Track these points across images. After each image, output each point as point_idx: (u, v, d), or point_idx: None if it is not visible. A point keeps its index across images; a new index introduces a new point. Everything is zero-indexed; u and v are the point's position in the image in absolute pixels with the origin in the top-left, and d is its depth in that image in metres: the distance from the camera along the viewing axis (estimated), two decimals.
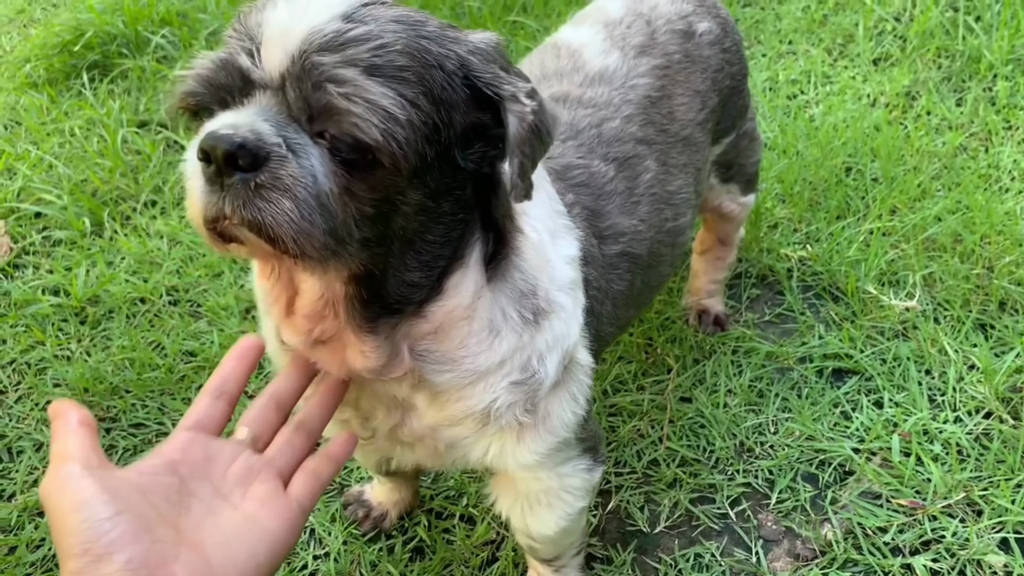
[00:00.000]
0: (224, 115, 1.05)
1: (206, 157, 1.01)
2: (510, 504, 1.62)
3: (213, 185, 1.03)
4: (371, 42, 1.03)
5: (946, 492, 1.97)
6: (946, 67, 3.21)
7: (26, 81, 3.52)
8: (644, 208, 1.70)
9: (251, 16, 1.09)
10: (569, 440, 1.50)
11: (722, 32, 1.95)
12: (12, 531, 2.09)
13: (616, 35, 1.82)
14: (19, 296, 2.63)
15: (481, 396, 1.34)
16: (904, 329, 2.33)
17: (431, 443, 1.45)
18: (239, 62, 1.05)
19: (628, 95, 1.74)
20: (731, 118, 2.02)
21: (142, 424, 2.30)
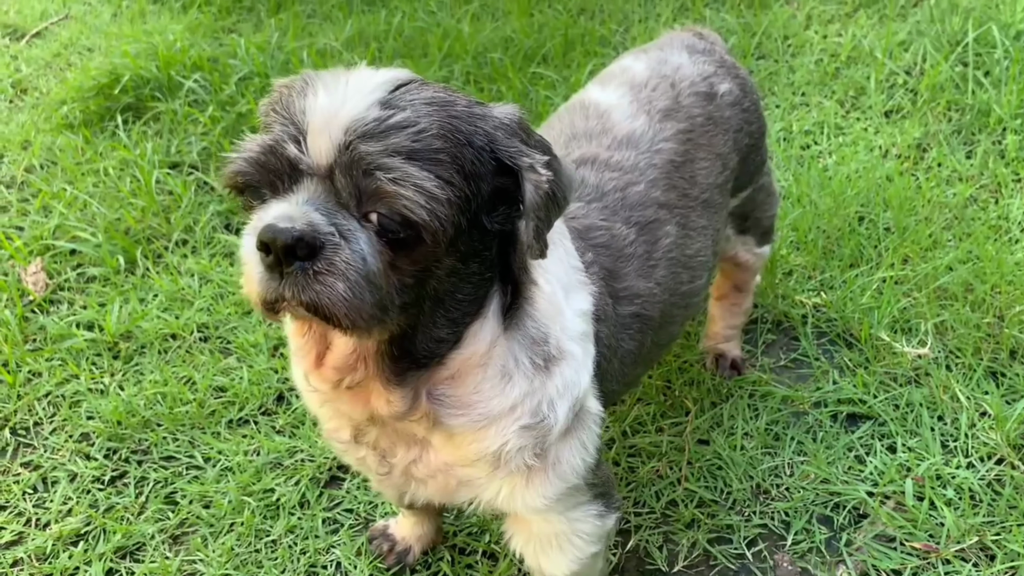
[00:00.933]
0: (278, 205, 1.14)
1: (265, 248, 1.11)
2: (523, 543, 1.68)
3: (272, 272, 1.13)
4: (409, 128, 1.14)
5: (959, 536, 2.01)
6: (956, 120, 3.30)
7: (63, 122, 3.64)
8: (661, 272, 1.77)
9: (292, 100, 1.17)
10: (579, 486, 1.56)
11: (741, 93, 2.02)
12: (47, 559, 2.15)
13: (642, 98, 1.89)
14: (55, 331, 2.71)
15: (493, 439, 1.42)
16: (916, 376, 2.38)
17: (443, 480, 1.52)
18: (287, 151, 1.15)
19: (653, 159, 1.81)
20: (749, 174, 2.09)
21: (173, 457, 2.37)
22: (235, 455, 2.33)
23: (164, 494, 2.27)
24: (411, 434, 1.46)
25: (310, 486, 2.24)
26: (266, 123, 1.22)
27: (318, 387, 1.38)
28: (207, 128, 3.44)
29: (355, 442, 1.51)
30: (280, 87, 1.25)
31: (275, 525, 2.17)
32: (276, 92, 1.25)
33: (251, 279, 1.16)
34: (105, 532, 2.20)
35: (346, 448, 1.56)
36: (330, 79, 1.18)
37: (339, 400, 1.41)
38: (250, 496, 2.23)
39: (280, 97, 1.21)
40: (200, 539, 2.16)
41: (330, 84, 1.17)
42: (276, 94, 1.24)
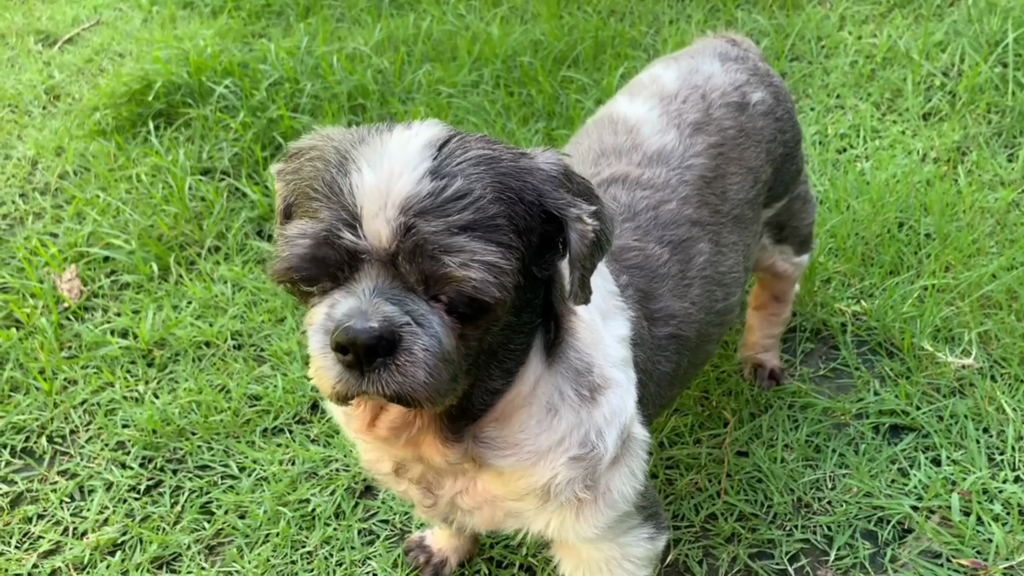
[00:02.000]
0: (345, 300, 1.12)
1: (342, 348, 1.10)
2: (572, 569, 1.66)
3: (352, 371, 1.12)
4: (465, 199, 1.11)
5: (1008, 553, 1.96)
6: (996, 122, 3.24)
7: (95, 129, 3.66)
8: (696, 291, 1.74)
9: (333, 179, 1.12)
10: (629, 512, 1.54)
11: (775, 101, 1.98)
12: (84, 569, 2.15)
13: (672, 111, 1.85)
14: (90, 338, 2.72)
15: (541, 474, 1.41)
16: (960, 386, 2.34)
17: (490, 511, 1.51)
18: (343, 240, 1.11)
19: (684, 176, 1.77)
20: (784, 184, 2.05)
21: (208, 466, 2.37)
22: (270, 464, 2.32)
23: (199, 504, 2.27)
24: (460, 468, 1.45)
25: (345, 496, 2.23)
26: (305, 204, 1.16)
27: (369, 441, 1.39)
28: (238, 134, 3.44)
29: (396, 476, 1.50)
30: (307, 156, 1.21)
31: (311, 536, 2.16)
32: (304, 163, 1.20)
33: (325, 376, 1.14)
34: (142, 542, 2.20)
35: (387, 480, 1.55)
36: (368, 151, 1.13)
37: (389, 451, 1.42)
38: (285, 506, 2.22)
39: (316, 173, 1.15)
40: (236, 550, 2.16)
41: (371, 158, 1.12)
42: (306, 167, 1.19)
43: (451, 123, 3.47)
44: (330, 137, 1.20)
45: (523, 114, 3.44)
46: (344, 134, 1.20)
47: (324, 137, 1.22)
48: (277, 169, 1.28)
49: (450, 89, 3.56)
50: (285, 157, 1.27)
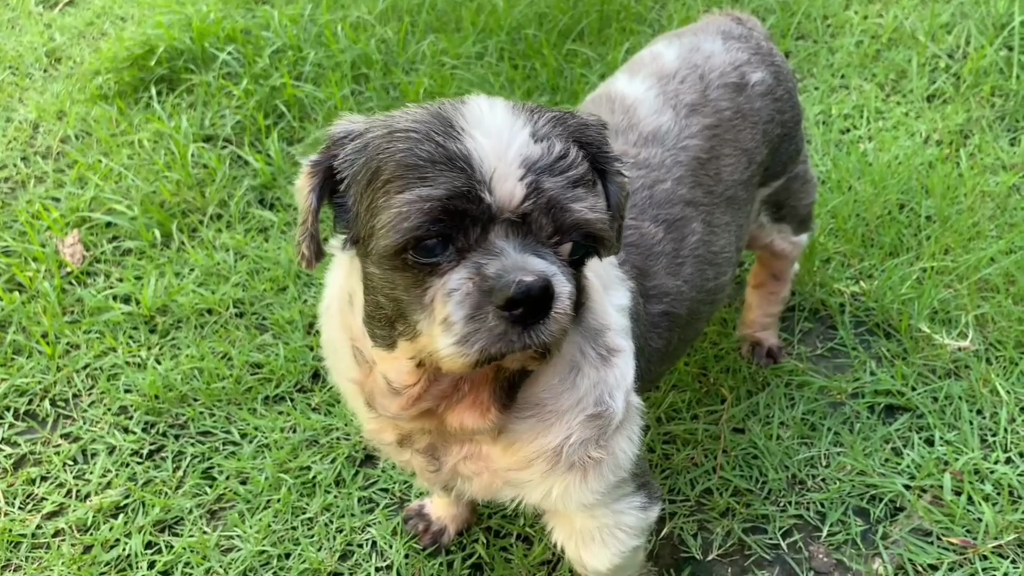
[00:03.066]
0: (497, 261, 1.14)
1: (511, 305, 1.12)
2: (565, 537, 1.69)
3: (515, 327, 1.14)
4: (567, 157, 1.19)
5: (997, 532, 2.00)
6: (1000, 106, 3.24)
7: (97, 93, 3.64)
8: (688, 269, 1.77)
9: (445, 147, 1.15)
10: (624, 479, 1.57)
11: (775, 81, 1.98)
12: (87, 531, 2.18)
13: (669, 91, 1.86)
14: (92, 303, 2.73)
15: (556, 434, 1.44)
16: (956, 368, 2.36)
17: (489, 479, 1.53)
18: (483, 197, 1.14)
19: (679, 156, 1.79)
20: (781, 163, 2.06)
21: (210, 432, 2.39)
22: (272, 432, 2.35)
23: (201, 469, 2.30)
24: (467, 436, 1.47)
25: (346, 464, 2.26)
26: (402, 175, 1.16)
27: (400, 417, 1.41)
28: (241, 101, 3.43)
29: (400, 446, 1.52)
30: (378, 135, 1.21)
31: (311, 503, 2.19)
32: (376, 140, 1.21)
33: (471, 342, 1.15)
34: (144, 505, 2.23)
35: (389, 450, 1.57)
36: (472, 120, 1.17)
37: (410, 424, 1.44)
38: (286, 473, 2.25)
39: (413, 144, 1.16)
40: (237, 515, 2.19)
41: (480, 125, 1.16)
42: (390, 143, 1.18)
43: (454, 95, 3.47)
44: (398, 116, 1.22)
45: (527, 87, 3.43)
46: (414, 112, 1.22)
47: (386, 118, 1.23)
48: (314, 160, 1.27)
49: (454, 60, 3.55)
50: (326, 145, 1.27)
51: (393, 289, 1.22)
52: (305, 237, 1.29)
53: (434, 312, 1.17)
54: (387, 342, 1.31)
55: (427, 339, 1.20)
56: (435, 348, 1.18)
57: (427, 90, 3.38)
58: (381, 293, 1.25)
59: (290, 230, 2.96)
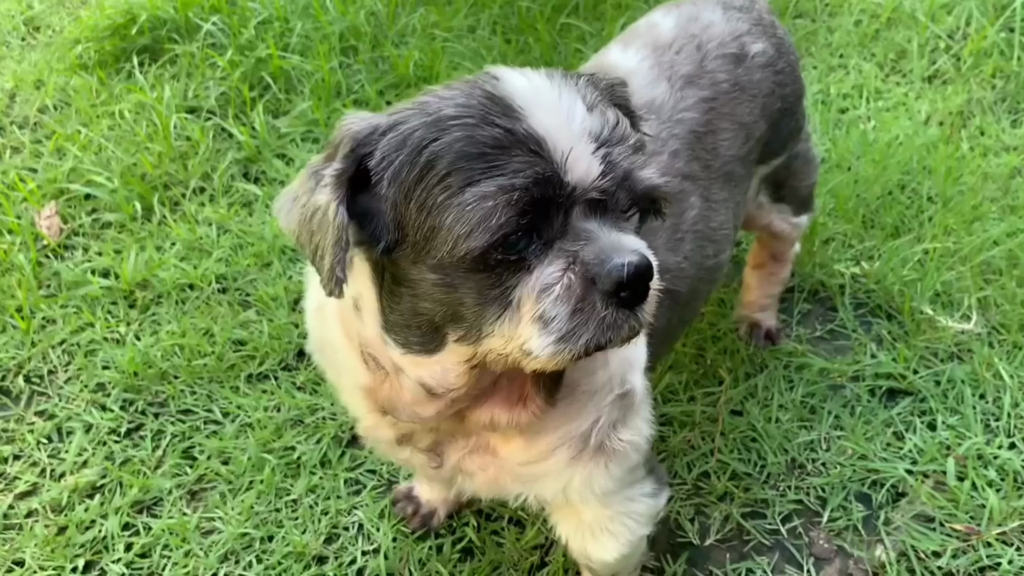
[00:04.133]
0: (591, 246, 1.08)
1: (618, 289, 1.07)
2: (571, 531, 1.62)
3: (620, 310, 1.10)
4: (620, 124, 1.14)
5: (1002, 519, 1.95)
6: (1001, 88, 3.19)
7: (77, 63, 3.53)
8: (688, 245, 1.70)
9: (510, 130, 1.06)
10: (638, 463, 1.52)
11: (776, 53, 1.90)
12: (61, 511, 2.10)
13: (664, 62, 1.77)
14: (69, 277, 2.64)
15: (588, 416, 1.38)
16: (959, 351, 2.31)
17: (495, 474, 1.46)
18: (560, 181, 1.07)
19: (675, 129, 1.72)
20: (781, 140, 1.98)
21: (191, 411, 2.31)
22: (255, 411, 2.27)
23: (181, 448, 2.22)
24: (471, 432, 1.41)
25: (332, 445, 2.19)
26: (467, 167, 1.06)
27: (430, 420, 1.35)
28: (226, 72, 3.33)
29: (399, 444, 1.45)
30: (430, 120, 1.09)
31: (296, 484, 2.12)
32: (420, 129, 1.09)
33: (576, 336, 1.09)
34: (121, 485, 2.15)
35: (385, 447, 1.51)
36: (526, 97, 1.08)
37: (438, 425, 1.38)
38: (270, 453, 2.18)
39: (472, 131, 1.06)
40: (219, 496, 2.11)
41: (539, 103, 1.08)
42: (444, 132, 1.07)
43: (446, 69, 3.39)
44: (433, 101, 1.11)
45: (520, 62, 3.35)
46: (452, 94, 1.11)
47: (418, 106, 1.12)
48: (337, 169, 1.11)
49: (445, 34, 3.46)
50: (349, 148, 1.12)
51: (454, 293, 1.12)
52: (339, 260, 1.11)
53: (520, 312, 1.10)
54: (428, 347, 1.21)
55: (505, 340, 1.12)
56: (525, 348, 1.11)
57: (417, 63, 3.29)
58: (430, 299, 1.15)
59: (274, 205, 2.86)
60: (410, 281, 1.16)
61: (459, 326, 1.15)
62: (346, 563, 1.97)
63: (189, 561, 2.00)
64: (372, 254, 1.19)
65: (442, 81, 3.22)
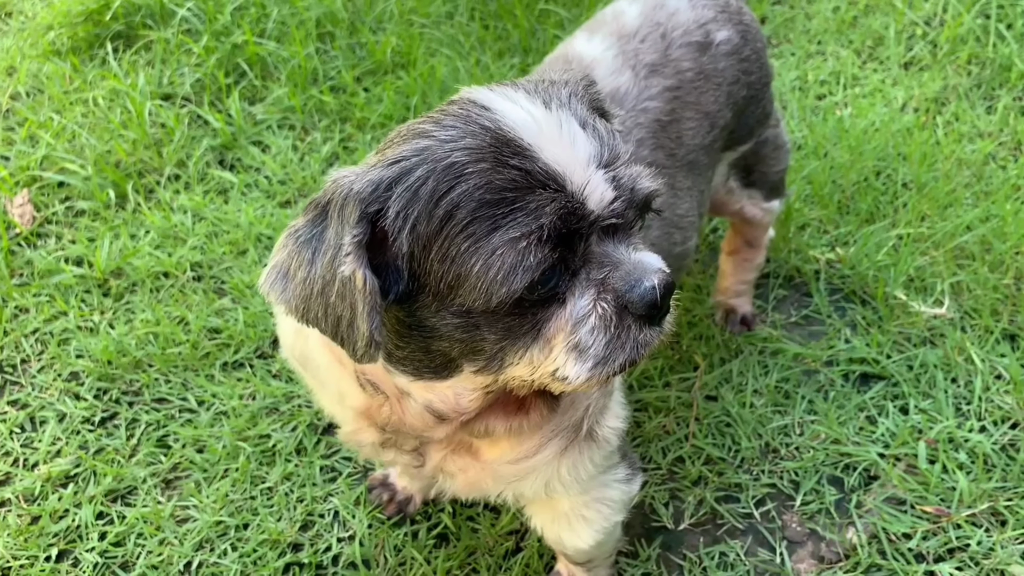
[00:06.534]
0: (616, 271, 1.12)
1: (650, 309, 1.12)
2: (547, 522, 1.63)
3: (651, 328, 1.15)
4: (612, 136, 1.15)
5: (971, 501, 1.97)
6: (976, 74, 3.20)
7: (49, 49, 3.48)
8: (655, 232, 1.71)
9: (524, 168, 1.05)
10: (616, 447, 1.53)
11: (741, 41, 1.89)
12: (35, 501, 2.09)
13: (629, 51, 1.77)
14: (42, 265, 2.62)
15: (579, 407, 1.40)
16: (931, 336, 2.33)
17: (475, 475, 1.47)
18: (584, 210, 1.08)
19: (639, 119, 1.72)
20: (747, 127, 1.98)
21: (165, 399, 2.30)
22: (230, 399, 2.26)
23: (156, 437, 2.21)
24: (461, 440, 1.42)
25: (307, 433, 2.18)
26: (487, 212, 1.04)
27: (437, 439, 1.38)
28: (201, 59, 3.30)
29: (383, 447, 1.44)
30: (440, 169, 1.06)
31: (271, 472, 2.11)
32: (431, 178, 1.06)
33: (612, 359, 1.13)
34: (95, 474, 2.14)
35: (366, 450, 1.51)
36: (528, 130, 1.08)
37: (444, 436, 1.38)
38: (245, 441, 2.17)
39: (489, 174, 1.05)
40: (193, 484, 2.10)
41: (542, 134, 1.08)
42: (461, 180, 1.05)
43: (424, 55, 3.37)
44: (434, 148, 1.08)
45: (498, 48, 3.34)
46: (450, 135, 1.08)
47: (419, 153, 1.08)
48: (355, 239, 1.06)
49: (423, 19, 3.44)
50: (359, 212, 1.06)
51: (476, 332, 1.11)
52: (376, 326, 1.07)
53: (552, 342, 1.12)
54: (441, 375, 1.21)
55: (532, 368, 1.14)
56: (558, 375, 1.13)
57: (395, 50, 3.27)
58: (448, 340, 1.14)
59: (250, 192, 2.85)
60: (425, 327, 1.15)
61: (478, 359, 1.15)
62: (321, 550, 1.97)
63: (163, 549, 1.99)
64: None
65: (419, 68, 3.23)
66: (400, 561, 1.95)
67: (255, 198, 2.81)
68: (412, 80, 3.15)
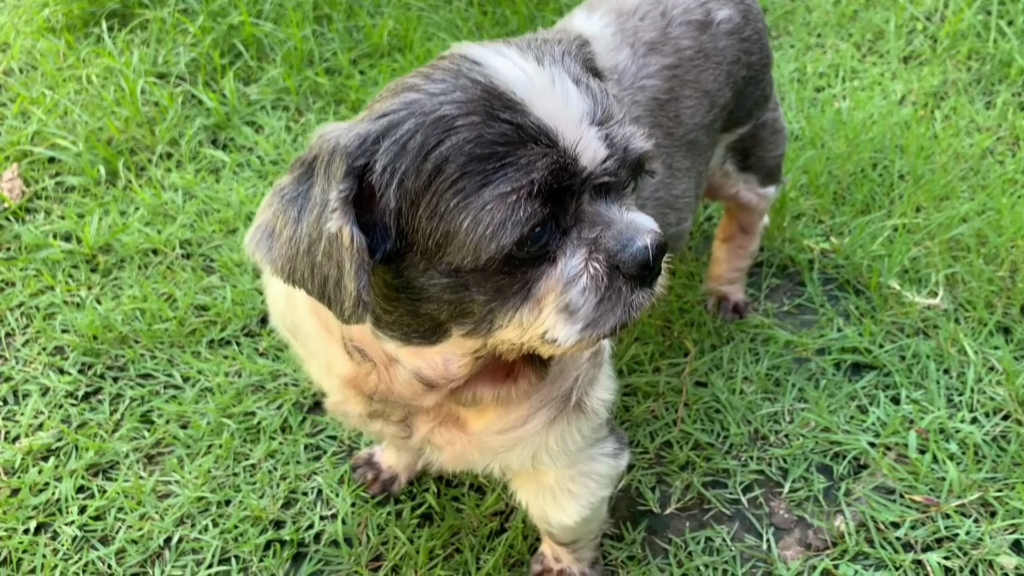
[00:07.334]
0: (609, 231, 1.09)
1: (642, 268, 1.09)
2: (532, 496, 1.61)
3: (643, 288, 1.12)
4: (606, 94, 1.12)
5: (961, 491, 1.95)
6: (976, 69, 3.18)
7: (44, 26, 3.46)
8: (649, 212, 1.67)
9: (516, 122, 1.03)
10: (604, 421, 1.51)
11: (743, 20, 1.87)
12: (15, 473, 2.07)
13: (628, 28, 1.75)
14: (30, 240, 2.59)
15: (568, 377, 1.38)
16: (924, 327, 2.31)
17: (462, 448, 1.44)
18: (577, 167, 1.05)
19: (636, 96, 1.69)
20: (746, 108, 1.96)
21: (150, 375, 2.27)
22: (215, 376, 2.24)
23: (140, 412, 2.19)
24: (440, 407, 1.39)
25: (292, 411, 2.16)
26: (477, 166, 1.02)
27: (426, 407, 1.35)
28: (197, 39, 3.28)
29: (370, 418, 1.42)
30: (429, 122, 1.03)
31: (255, 449, 2.09)
32: (420, 131, 1.03)
33: (602, 321, 1.11)
34: (77, 448, 2.11)
35: (354, 421, 1.48)
36: (521, 84, 1.05)
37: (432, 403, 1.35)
38: (230, 418, 2.15)
39: (479, 128, 1.02)
40: (176, 460, 2.08)
41: (535, 89, 1.06)
42: (451, 133, 1.02)
43: (421, 39, 3.35)
44: (423, 101, 1.05)
45: (496, 34, 3.31)
46: (441, 89, 1.05)
47: (407, 106, 1.05)
48: (341, 193, 1.03)
49: (421, 3, 3.42)
50: (345, 166, 1.03)
51: (466, 293, 1.08)
52: (364, 285, 1.03)
53: (541, 303, 1.09)
54: (430, 340, 1.18)
55: (521, 331, 1.11)
56: (547, 337, 1.11)
57: (392, 33, 3.25)
58: (436, 301, 1.11)
59: (242, 171, 2.82)
60: (413, 287, 1.12)
61: (467, 321, 1.13)
62: (303, 527, 1.95)
63: (144, 524, 1.97)
64: None
65: (416, 52, 3.21)
66: (383, 540, 1.93)
67: (247, 178, 2.79)
68: (408, 64, 3.13)
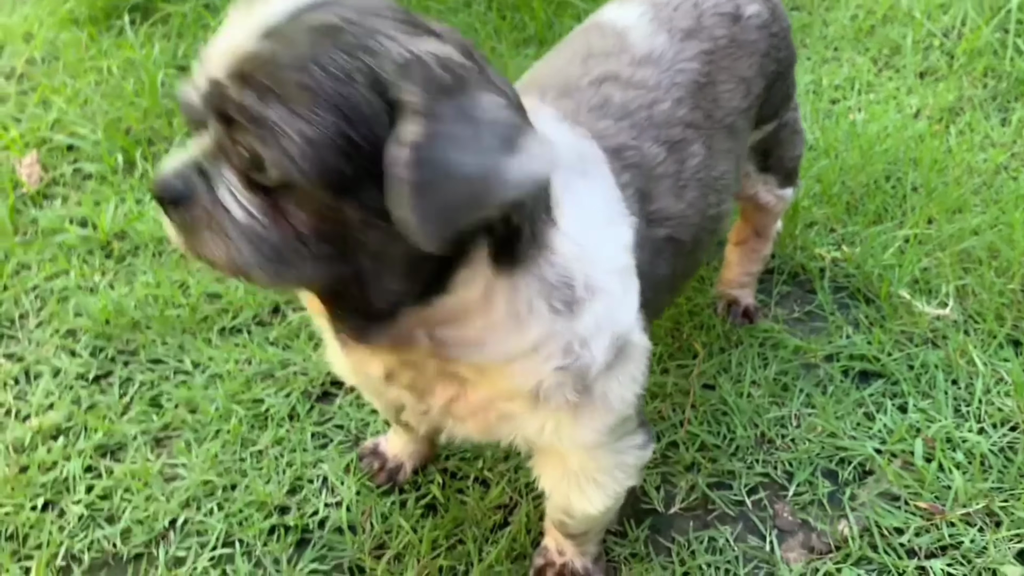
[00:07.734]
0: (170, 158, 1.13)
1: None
2: (556, 481, 1.60)
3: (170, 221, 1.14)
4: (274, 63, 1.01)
5: (966, 500, 1.95)
6: (992, 87, 3.19)
7: (67, 17, 3.51)
8: (692, 193, 1.68)
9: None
10: (629, 416, 1.50)
11: (771, 16, 1.90)
12: (24, 451, 2.08)
13: (663, 16, 1.77)
14: (47, 224, 2.62)
15: (525, 376, 1.34)
16: (934, 337, 2.31)
17: (484, 417, 1.44)
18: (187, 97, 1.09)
19: (676, 78, 1.71)
20: (774, 105, 1.98)
21: (161, 360, 2.29)
22: (225, 363, 2.25)
23: (149, 396, 2.20)
24: (449, 372, 1.37)
25: (301, 399, 2.17)
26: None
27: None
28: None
29: (387, 381, 1.42)
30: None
31: (262, 435, 2.10)
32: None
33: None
34: (86, 429, 2.13)
35: (376, 386, 1.48)
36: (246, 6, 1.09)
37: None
38: (238, 404, 2.16)
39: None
40: (184, 443, 2.09)
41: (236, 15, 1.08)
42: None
43: None
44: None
45: (514, 39, 3.34)
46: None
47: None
48: None
49: (439, 6, 3.45)
50: None
51: None
52: None
53: None
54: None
55: None
56: None
57: None
58: None
59: None
60: None
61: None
62: (308, 514, 1.96)
63: (150, 505, 1.98)
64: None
65: None
66: (386, 528, 1.93)
67: None
68: None
